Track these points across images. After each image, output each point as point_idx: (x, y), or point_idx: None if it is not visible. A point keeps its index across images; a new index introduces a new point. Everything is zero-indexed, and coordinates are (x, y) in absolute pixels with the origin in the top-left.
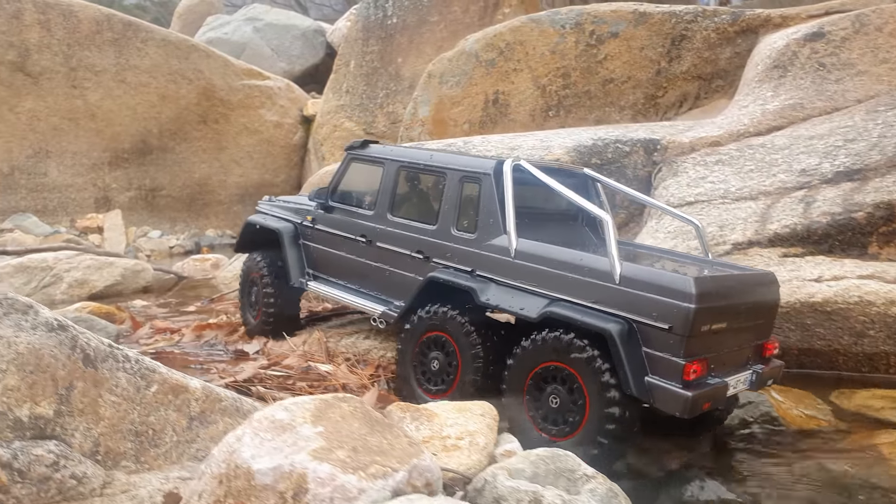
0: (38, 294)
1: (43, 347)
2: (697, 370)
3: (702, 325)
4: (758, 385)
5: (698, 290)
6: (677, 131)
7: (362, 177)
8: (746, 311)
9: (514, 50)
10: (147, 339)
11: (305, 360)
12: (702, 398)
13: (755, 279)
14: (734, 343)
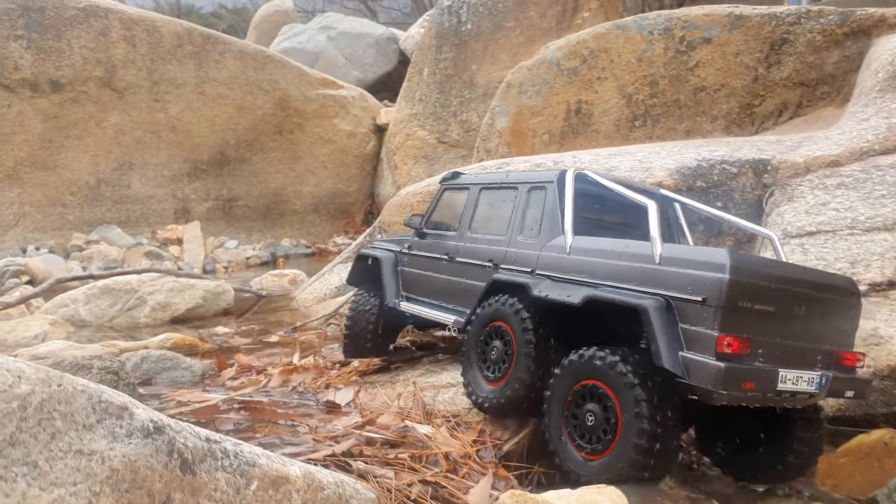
0: (123, 317)
1: (139, 458)
2: (734, 345)
3: (738, 300)
4: (829, 391)
5: (733, 262)
6: (787, 149)
7: (452, 204)
8: (808, 304)
9: (598, 58)
10: (233, 380)
11: (402, 419)
12: (741, 375)
13: (823, 277)
14: (791, 334)
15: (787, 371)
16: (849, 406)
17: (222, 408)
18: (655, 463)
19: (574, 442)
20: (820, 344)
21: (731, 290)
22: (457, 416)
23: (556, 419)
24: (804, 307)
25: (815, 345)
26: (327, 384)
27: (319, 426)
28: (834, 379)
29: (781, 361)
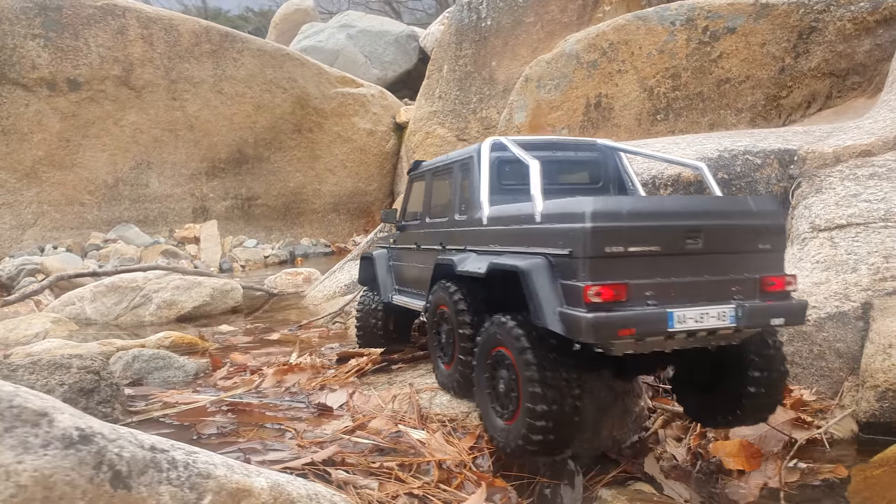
0: (129, 315)
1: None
2: (604, 293)
3: (605, 247)
4: (748, 321)
5: (594, 210)
6: (815, 139)
7: (418, 193)
8: (706, 236)
9: (618, 50)
10: (225, 379)
11: (395, 423)
12: (614, 322)
13: (719, 204)
14: (689, 271)
15: (684, 310)
16: (883, 412)
17: (210, 409)
18: (554, 427)
19: (495, 410)
20: (734, 274)
21: (594, 238)
22: (454, 420)
23: (481, 390)
24: (700, 240)
25: (726, 276)
26: (322, 385)
27: (307, 431)
28: (754, 308)
29: (679, 301)
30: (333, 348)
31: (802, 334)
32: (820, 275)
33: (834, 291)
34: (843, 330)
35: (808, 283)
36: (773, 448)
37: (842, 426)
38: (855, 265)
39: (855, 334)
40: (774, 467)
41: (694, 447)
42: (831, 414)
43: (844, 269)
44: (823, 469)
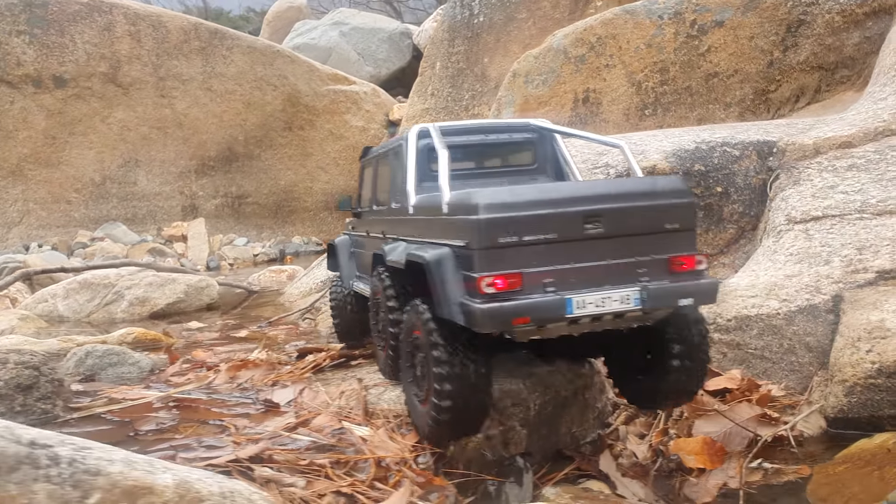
0: (101, 312)
1: None
2: (498, 284)
3: (498, 237)
4: (654, 303)
5: (485, 201)
6: (797, 131)
7: (367, 180)
8: (607, 220)
9: (605, 44)
10: (178, 375)
11: (339, 420)
12: (509, 312)
13: (618, 187)
14: (590, 255)
15: (584, 296)
16: (851, 407)
17: (156, 406)
18: (460, 407)
19: (415, 395)
20: (640, 256)
21: (486, 229)
22: (400, 416)
23: (405, 375)
24: (601, 224)
25: (631, 258)
26: (275, 381)
27: (248, 427)
28: (660, 290)
29: (580, 286)
30: (298, 345)
31: (773, 328)
32: (793, 267)
33: (805, 284)
34: (814, 323)
35: (781, 275)
36: (738, 446)
37: (810, 422)
38: (828, 257)
39: (825, 328)
40: (737, 466)
41: (655, 444)
42: (799, 410)
43: (817, 262)
44: (787, 468)
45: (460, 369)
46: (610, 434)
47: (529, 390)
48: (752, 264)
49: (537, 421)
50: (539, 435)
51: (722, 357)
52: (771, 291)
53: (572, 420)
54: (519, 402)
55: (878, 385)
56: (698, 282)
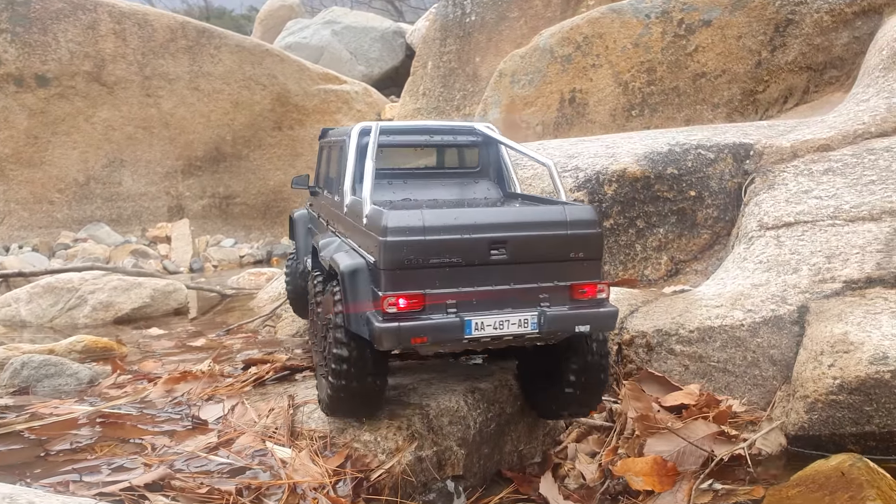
0: (63, 317)
1: None
2: (400, 304)
3: (402, 260)
4: (550, 327)
5: (391, 224)
6: (777, 133)
7: (323, 163)
8: (512, 246)
9: (592, 44)
10: (117, 388)
11: (263, 440)
12: (408, 332)
13: (525, 216)
14: (493, 280)
15: (483, 318)
16: (812, 425)
17: (81, 422)
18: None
19: (322, 367)
20: (543, 282)
21: (391, 251)
22: (326, 436)
23: (316, 347)
24: (506, 251)
25: (533, 284)
26: (211, 395)
27: (166, 447)
28: (558, 316)
29: (481, 308)
30: (251, 354)
31: (736, 340)
32: (760, 276)
33: (772, 294)
34: (779, 335)
35: (748, 284)
36: (692, 466)
37: (770, 440)
38: (797, 265)
39: (790, 340)
40: (687, 488)
41: (605, 464)
42: (760, 427)
43: (786, 270)
44: (739, 490)
45: (357, 355)
46: (559, 453)
47: (471, 407)
48: (721, 272)
49: (479, 440)
50: (480, 455)
51: (683, 370)
52: (737, 301)
53: (519, 438)
54: (457, 421)
55: (840, 402)
56: (598, 310)
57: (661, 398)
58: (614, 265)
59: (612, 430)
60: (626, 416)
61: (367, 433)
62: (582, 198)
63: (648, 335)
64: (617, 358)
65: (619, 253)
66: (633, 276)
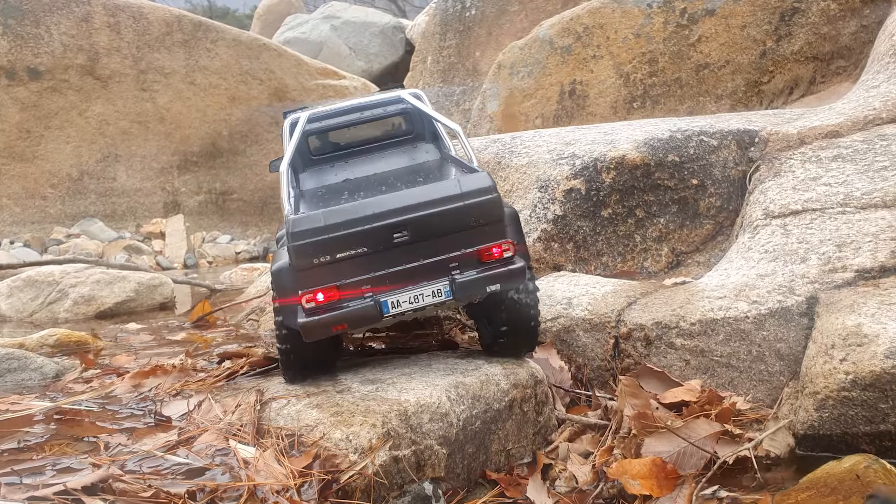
0: (44, 311)
1: None
2: (316, 299)
3: (312, 259)
4: (462, 293)
5: (293, 230)
6: (783, 120)
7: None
8: (412, 227)
9: (593, 34)
10: (79, 382)
11: (227, 438)
12: (328, 322)
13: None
14: (402, 259)
15: (398, 296)
16: (822, 423)
17: (36, 419)
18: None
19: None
20: (450, 252)
21: (297, 255)
22: (294, 435)
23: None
24: (408, 233)
25: (441, 255)
26: (181, 391)
27: (122, 446)
28: (468, 281)
29: (395, 287)
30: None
31: (741, 333)
32: (766, 266)
33: (778, 284)
34: (786, 328)
35: (753, 274)
36: (693, 468)
37: (777, 440)
38: (805, 255)
39: (798, 333)
40: (688, 493)
41: (599, 465)
42: (766, 426)
43: (793, 260)
44: (745, 497)
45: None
46: (550, 452)
47: (454, 403)
48: (725, 262)
49: (462, 438)
50: (464, 455)
51: (684, 365)
52: (741, 292)
53: (507, 436)
54: (438, 418)
55: (853, 399)
56: (506, 268)
57: (660, 395)
58: (612, 257)
59: (607, 428)
60: (622, 413)
61: (339, 431)
62: (579, 186)
63: (647, 328)
64: (614, 352)
65: (618, 244)
66: (633, 268)
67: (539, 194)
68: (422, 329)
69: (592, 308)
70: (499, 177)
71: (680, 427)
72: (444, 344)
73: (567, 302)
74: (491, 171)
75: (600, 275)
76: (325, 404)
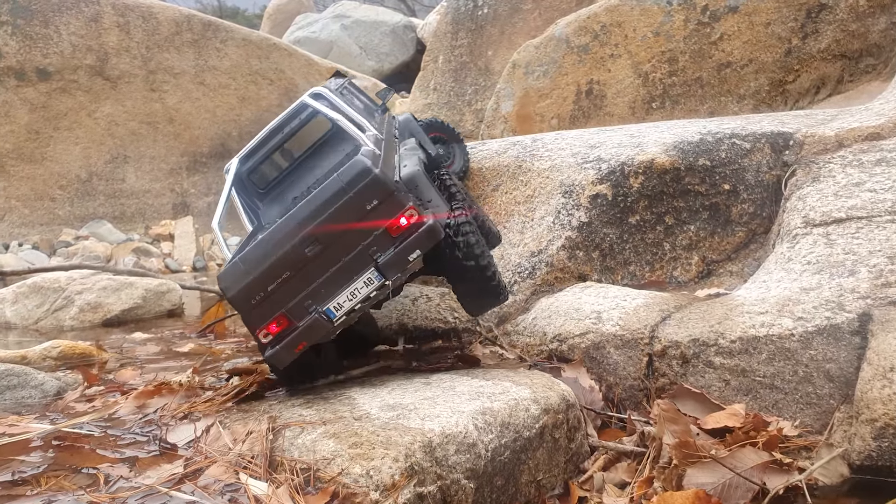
0: (49, 318)
1: None
2: (270, 331)
3: (248, 300)
4: (390, 272)
5: (224, 284)
6: (817, 122)
7: None
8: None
9: (610, 33)
10: (84, 402)
11: (237, 471)
12: (286, 350)
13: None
14: (325, 267)
15: (337, 298)
16: (882, 453)
17: (34, 444)
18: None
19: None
20: (363, 241)
21: (235, 304)
22: (310, 469)
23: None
24: (318, 242)
25: (356, 250)
26: (188, 412)
27: (124, 478)
28: (389, 259)
29: (332, 292)
30: (240, 362)
31: (785, 352)
32: (810, 279)
33: (825, 299)
34: (836, 347)
35: (796, 288)
36: (741, 500)
37: (829, 470)
38: (853, 267)
39: (849, 353)
40: None
41: (637, 497)
42: (817, 454)
43: (840, 272)
44: None
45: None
46: (584, 483)
47: (482, 431)
48: (763, 274)
49: (490, 470)
50: (493, 488)
51: (724, 386)
52: (784, 307)
53: (537, 466)
54: (465, 449)
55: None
56: (418, 232)
57: (701, 419)
58: (640, 265)
59: (644, 456)
60: (660, 440)
61: (359, 465)
62: (605, 191)
63: (683, 345)
64: (647, 371)
65: (646, 252)
66: (661, 277)
67: (563, 200)
68: (440, 341)
69: (624, 323)
70: (519, 181)
71: (725, 456)
72: (463, 359)
73: (596, 316)
74: (511, 174)
75: (628, 285)
76: (343, 433)
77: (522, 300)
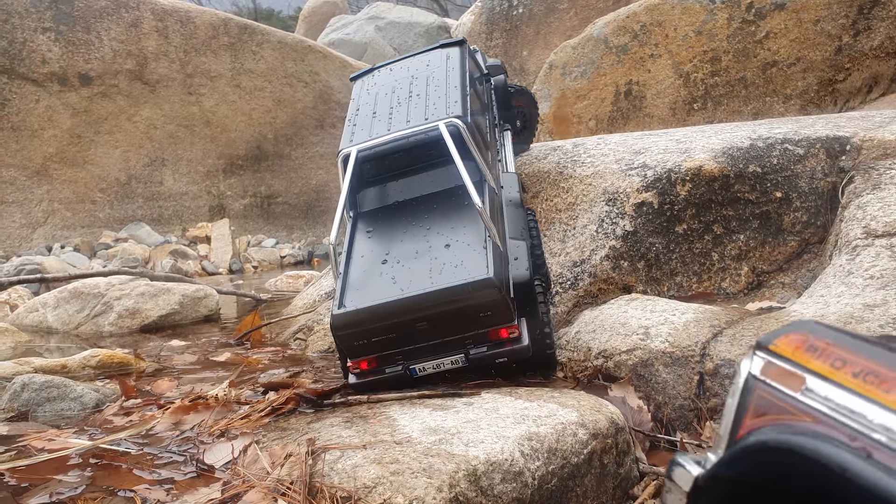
0: (89, 324)
1: None
2: (361, 367)
3: (351, 342)
4: (475, 363)
5: (333, 322)
6: (874, 124)
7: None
8: (430, 320)
9: (650, 32)
10: (120, 415)
11: (275, 498)
12: (368, 384)
13: (444, 295)
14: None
15: (423, 363)
16: None
17: (72, 462)
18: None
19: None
20: (464, 333)
21: (342, 341)
22: (351, 497)
23: None
24: (427, 323)
25: (456, 336)
26: (225, 430)
27: (159, 503)
28: (480, 355)
29: (421, 357)
30: (277, 374)
31: None
32: (874, 294)
33: (892, 317)
34: None
35: (859, 304)
36: None
37: None
38: None
39: None
40: None
41: None
42: None
43: None
44: None
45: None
46: None
47: (528, 458)
48: (820, 288)
49: (537, 499)
50: None
51: None
52: (846, 325)
53: (585, 494)
54: (511, 477)
55: None
56: (513, 347)
57: None
58: (687, 276)
59: None
60: None
61: (401, 496)
62: (651, 199)
63: (736, 364)
64: (698, 390)
65: (693, 262)
66: (709, 289)
67: (607, 208)
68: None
69: (673, 339)
70: (560, 188)
71: None
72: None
73: (644, 332)
74: (552, 181)
75: (674, 296)
76: (384, 459)
77: (564, 312)
